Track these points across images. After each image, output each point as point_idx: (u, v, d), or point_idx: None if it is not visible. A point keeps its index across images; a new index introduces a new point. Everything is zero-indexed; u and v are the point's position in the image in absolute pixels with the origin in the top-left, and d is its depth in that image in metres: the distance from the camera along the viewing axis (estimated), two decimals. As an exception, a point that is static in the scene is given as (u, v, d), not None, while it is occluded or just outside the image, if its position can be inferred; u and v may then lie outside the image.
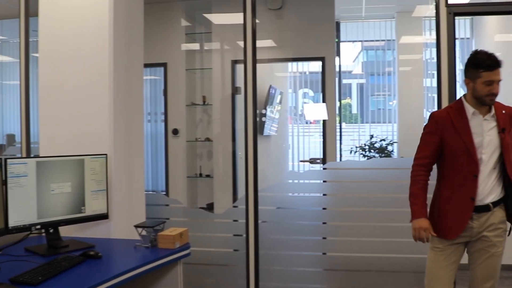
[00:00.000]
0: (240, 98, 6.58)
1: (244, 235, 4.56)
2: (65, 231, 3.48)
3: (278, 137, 8.17)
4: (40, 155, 3.85)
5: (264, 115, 7.15)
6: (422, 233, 3.39)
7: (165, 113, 7.06)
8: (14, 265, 2.88)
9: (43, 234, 3.47)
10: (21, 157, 4.13)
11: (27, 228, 3.22)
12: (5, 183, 3.10)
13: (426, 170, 3.53)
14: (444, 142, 3.44)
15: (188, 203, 6.88)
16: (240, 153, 6.58)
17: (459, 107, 3.45)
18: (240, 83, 6.73)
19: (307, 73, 9.62)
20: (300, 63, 9.30)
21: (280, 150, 8.58)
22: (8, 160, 3.11)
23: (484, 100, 3.35)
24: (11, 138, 7.28)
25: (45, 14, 3.89)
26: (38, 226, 3.26)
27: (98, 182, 3.53)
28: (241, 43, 4.48)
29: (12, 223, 3.12)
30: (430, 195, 3.50)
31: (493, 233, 3.40)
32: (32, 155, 4.54)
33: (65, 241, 3.37)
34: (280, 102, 7.87)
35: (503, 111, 3.43)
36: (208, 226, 5.09)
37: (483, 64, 3.32)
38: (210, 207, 6.65)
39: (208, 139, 7.15)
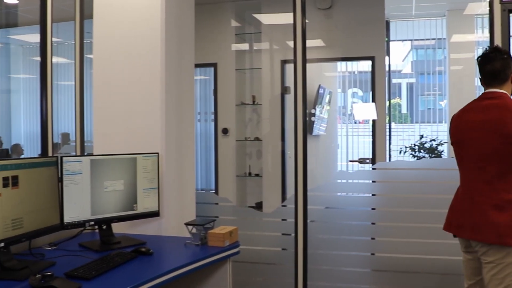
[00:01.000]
0: (289, 98, 6.61)
1: (293, 234, 4.56)
2: (117, 228, 3.53)
3: (327, 137, 8.15)
4: (94, 154, 3.91)
5: (313, 114, 7.14)
6: None
7: (215, 113, 7.12)
8: (68, 260, 2.95)
9: (96, 230, 3.54)
10: (76, 155, 4.21)
11: (81, 224, 3.28)
12: (60, 180, 3.17)
13: None
14: None
15: (237, 202, 6.93)
16: (289, 153, 6.60)
17: None
18: (289, 82, 6.74)
19: (356, 72, 9.56)
20: (349, 63, 9.26)
21: (329, 149, 8.56)
22: (64, 158, 3.18)
23: None
24: (65, 136, 7.45)
25: (99, 16, 3.95)
26: (92, 223, 3.33)
27: (150, 180, 3.57)
28: (291, 43, 4.48)
29: (67, 219, 3.19)
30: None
31: None
32: (85, 153, 4.64)
33: (117, 237, 3.43)
34: (329, 102, 7.85)
35: None
36: (257, 225, 5.11)
37: None
38: (259, 206, 6.68)
39: (257, 139, 7.19)
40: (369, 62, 6.80)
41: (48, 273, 2.46)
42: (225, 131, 6.99)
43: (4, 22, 8.19)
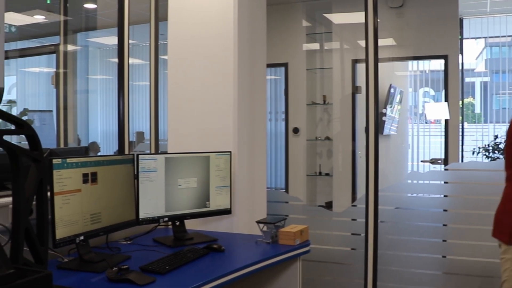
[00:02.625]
0: (360, 97, 6.57)
1: (363, 234, 4.54)
2: (190, 224, 3.58)
3: (398, 137, 8.06)
4: (168, 152, 3.99)
5: (384, 114, 7.08)
6: None
7: (286, 112, 7.16)
8: (143, 254, 3.02)
9: (170, 226, 3.61)
10: (151, 153, 4.31)
11: (155, 220, 3.35)
12: (136, 177, 3.25)
13: None
14: None
15: (307, 201, 6.94)
16: (360, 152, 6.56)
17: None
18: (360, 82, 6.71)
19: (428, 71, 9.40)
20: (420, 62, 9.11)
21: (400, 150, 8.45)
22: (140, 156, 3.26)
23: None
24: (140, 135, 7.65)
25: (173, 19, 4.02)
26: (166, 219, 3.39)
27: (222, 178, 3.61)
28: (362, 42, 4.46)
29: (142, 215, 3.26)
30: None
31: None
32: (160, 152, 4.74)
33: (190, 233, 3.48)
34: (400, 102, 7.76)
35: None
36: (327, 224, 5.11)
37: None
38: (329, 206, 6.67)
39: (328, 138, 7.18)
40: (441, 61, 6.69)
41: (124, 267, 2.52)
42: (296, 130, 7.01)
43: (84, 25, 8.47)
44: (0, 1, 1.66)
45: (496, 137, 8.76)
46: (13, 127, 2.02)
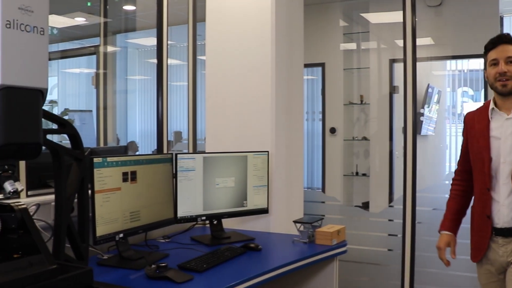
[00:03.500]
0: (397, 97, 6.51)
1: (400, 235, 4.51)
2: (227, 223, 3.60)
3: (436, 137, 7.95)
4: (206, 151, 4.03)
5: (422, 114, 7.00)
6: (439, 252, 3.09)
7: (323, 112, 7.13)
8: (181, 252, 3.05)
9: (207, 225, 3.63)
10: (189, 153, 4.34)
11: (193, 218, 3.38)
12: (175, 176, 3.28)
13: (458, 179, 3.12)
14: (468, 147, 2.98)
15: (344, 201, 6.90)
16: (397, 153, 6.51)
17: (488, 104, 2.88)
18: (398, 82, 6.65)
19: (466, 71, 9.26)
20: (459, 61, 8.98)
21: (437, 150, 8.35)
22: (178, 155, 3.29)
23: (496, 87, 2.78)
24: (178, 135, 7.71)
25: (211, 19, 4.05)
26: (204, 217, 3.42)
27: (259, 178, 3.62)
28: (399, 42, 4.43)
29: (180, 213, 3.30)
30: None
31: None
32: (197, 151, 4.77)
33: (227, 232, 3.51)
34: (438, 102, 7.67)
35: None
36: (363, 225, 5.08)
37: (487, 44, 2.89)
38: (365, 206, 6.63)
39: (365, 138, 7.13)
40: (481, 60, 6.58)
41: (163, 264, 2.54)
42: (332, 130, 6.98)
43: (123, 27, 8.57)
44: (44, 5, 1.71)
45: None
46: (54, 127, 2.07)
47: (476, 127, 2.88)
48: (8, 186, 1.68)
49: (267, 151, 3.67)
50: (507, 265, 2.77)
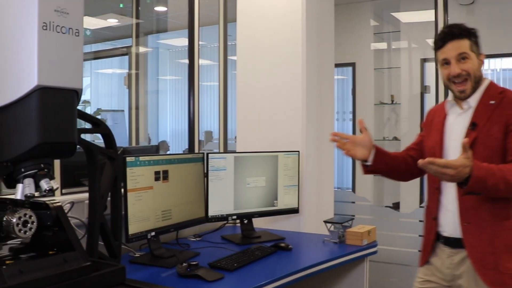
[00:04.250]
0: (429, 97, 6.46)
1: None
2: (258, 223, 3.61)
3: (467, 137, 7.87)
4: (237, 151, 4.05)
5: (454, 114, 6.94)
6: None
7: (353, 112, 7.11)
8: (212, 251, 3.07)
9: (238, 224, 3.65)
10: (220, 152, 4.36)
11: (224, 218, 3.40)
12: (206, 175, 3.30)
13: (403, 152, 2.87)
14: (423, 139, 2.76)
15: (374, 201, 6.86)
16: (428, 153, 6.45)
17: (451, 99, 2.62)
18: (429, 81, 6.60)
19: (499, 70, 9.14)
20: (491, 60, 8.87)
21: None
22: (210, 155, 3.32)
23: (453, 90, 2.51)
24: (209, 134, 7.77)
25: (242, 20, 4.06)
26: (234, 217, 3.43)
27: (290, 177, 3.62)
28: (430, 41, 4.40)
29: (211, 212, 3.31)
30: None
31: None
32: (228, 151, 4.79)
33: (258, 232, 3.51)
34: (470, 101, 7.59)
35: (492, 102, 2.43)
36: (394, 225, 5.04)
37: (435, 41, 2.55)
38: (396, 206, 6.59)
39: (395, 138, 7.09)
40: (515, 59, 6.50)
41: (194, 263, 2.56)
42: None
43: (155, 28, 8.65)
44: (79, 6, 1.74)
45: None
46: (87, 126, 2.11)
47: (434, 121, 2.68)
48: (44, 184, 1.71)
49: (298, 151, 3.67)
50: (452, 278, 2.49)
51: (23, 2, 1.60)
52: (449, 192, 2.49)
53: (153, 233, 2.87)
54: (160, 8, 8.20)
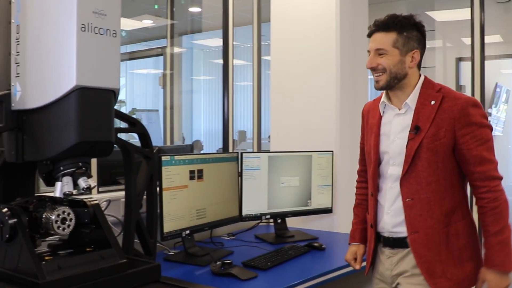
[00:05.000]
0: (464, 97, 6.39)
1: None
2: (291, 222, 3.62)
3: (504, 138, 7.77)
4: (271, 150, 4.06)
5: (490, 114, 6.86)
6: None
7: (387, 112, 7.06)
8: (245, 250, 3.09)
9: (271, 224, 3.65)
10: (254, 152, 4.38)
11: (258, 217, 3.41)
12: (240, 175, 3.32)
13: (361, 181, 2.75)
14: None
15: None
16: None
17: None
18: (464, 81, 6.52)
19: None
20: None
21: (505, 151, 8.15)
22: (244, 154, 3.33)
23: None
24: (242, 134, 7.79)
25: (276, 20, 4.06)
26: (268, 216, 3.44)
27: (324, 177, 3.62)
28: (466, 40, 4.36)
29: (245, 211, 3.32)
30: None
31: (407, 280, 2.32)
32: (262, 150, 4.79)
33: (291, 231, 3.52)
34: (507, 101, 7.49)
35: (432, 102, 2.29)
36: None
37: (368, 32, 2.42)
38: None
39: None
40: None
41: (228, 261, 2.59)
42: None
43: (189, 28, 8.71)
44: (117, 8, 1.77)
45: None
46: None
47: (370, 122, 2.52)
48: (82, 182, 1.74)
49: (332, 151, 3.67)
50: (392, 280, 2.39)
51: (62, 4, 1.64)
52: (389, 195, 2.37)
53: (187, 232, 2.90)
54: (194, 9, 8.26)
